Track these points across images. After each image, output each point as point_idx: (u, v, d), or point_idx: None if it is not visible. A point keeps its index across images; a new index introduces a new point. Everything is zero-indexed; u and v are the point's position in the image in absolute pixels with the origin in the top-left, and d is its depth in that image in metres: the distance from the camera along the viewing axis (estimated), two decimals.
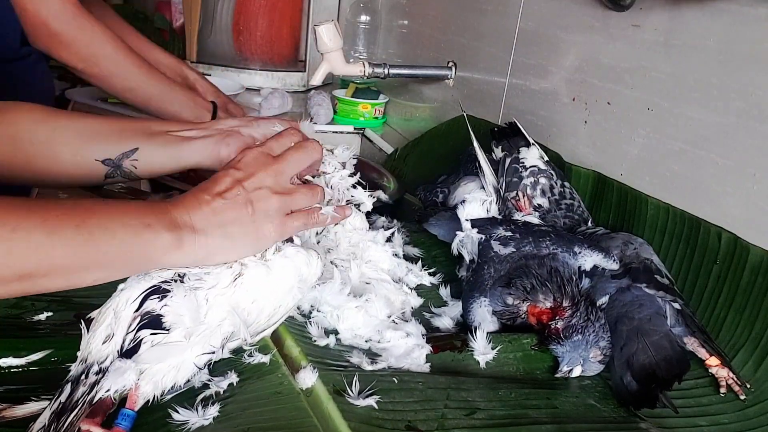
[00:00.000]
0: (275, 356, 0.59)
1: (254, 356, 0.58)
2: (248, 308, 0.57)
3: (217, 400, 0.53)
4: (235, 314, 0.55)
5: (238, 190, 0.57)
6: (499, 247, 0.73)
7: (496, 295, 0.69)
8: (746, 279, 0.70)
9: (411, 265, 0.79)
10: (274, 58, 1.83)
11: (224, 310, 0.55)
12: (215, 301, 0.54)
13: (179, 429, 0.50)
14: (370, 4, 1.75)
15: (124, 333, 0.51)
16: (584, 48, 0.96)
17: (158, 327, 0.51)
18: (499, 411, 0.56)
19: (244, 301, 0.56)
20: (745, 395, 0.64)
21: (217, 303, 0.55)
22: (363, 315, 0.64)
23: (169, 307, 0.52)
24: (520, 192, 0.85)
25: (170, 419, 0.50)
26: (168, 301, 0.52)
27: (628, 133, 0.88)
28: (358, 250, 0.74)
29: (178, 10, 1.96)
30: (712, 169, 0.76)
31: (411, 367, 0.60)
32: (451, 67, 1.35)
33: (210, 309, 0.54)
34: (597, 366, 0.64)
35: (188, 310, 0.52)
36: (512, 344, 0.66)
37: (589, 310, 0.64)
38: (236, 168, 0.59)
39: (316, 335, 0.63)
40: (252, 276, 0.57)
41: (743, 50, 0.72)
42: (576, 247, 0.72)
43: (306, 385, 0.55)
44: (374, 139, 1.55)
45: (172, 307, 0.52)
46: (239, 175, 0.58)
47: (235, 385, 0.55)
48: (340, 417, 0.52)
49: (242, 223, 0.56)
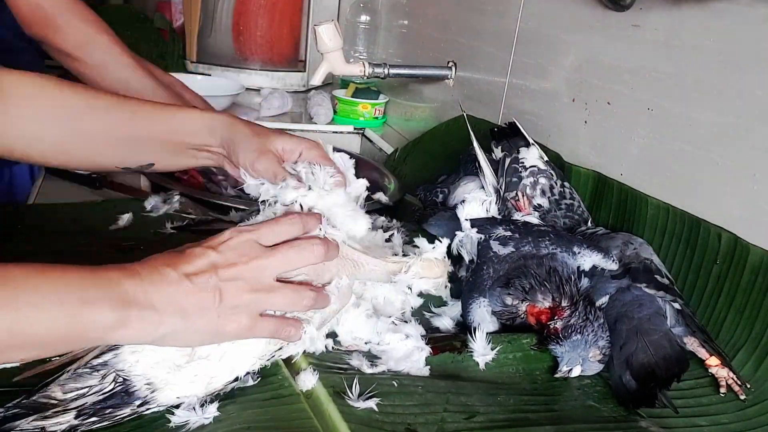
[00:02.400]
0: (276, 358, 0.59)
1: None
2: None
3: (216, 400, 0.53)
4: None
5: (210, 276, 0.49)
6: (499, 247, 0.73)
7: (495, 296, 0.69)
8: (746, 279, 0.70)
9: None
10: (274, 58, 1.83)
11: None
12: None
13: (179, 428, 0.50)
14: (370, 4, 1.75)
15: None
16: (584, 48, 0.96)
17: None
18: (498, 415, 0.56)
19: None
20: (745, 395, 0.64)
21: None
22: (362, 317, 0.64)
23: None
24: (520, 192, 0.85)
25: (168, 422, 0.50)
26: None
27: (628, 133, 0.88)
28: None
29: (178, 10, 1.96)
30: (712, 169, 0.76)
31: (411, 370, 0.60)
32: (451, 67, 1.35)
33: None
34: (596, 366, 0.64)
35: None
36: (512, 344, 0.66)
37: (588, 310, 0.64)
38: (216, 250, 0.51)
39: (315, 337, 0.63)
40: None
41: (743, 50, 0.72)
42: (575, 247, 0.72)
43: (306, 387, 0.55)
44: (374, 139, 1.55)
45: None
46: (217, 259, 0.50)
47: (235, 386, 0.55)
48: (341, 418, 0.52)
49: (205, 313, 0.49)
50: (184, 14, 1.86)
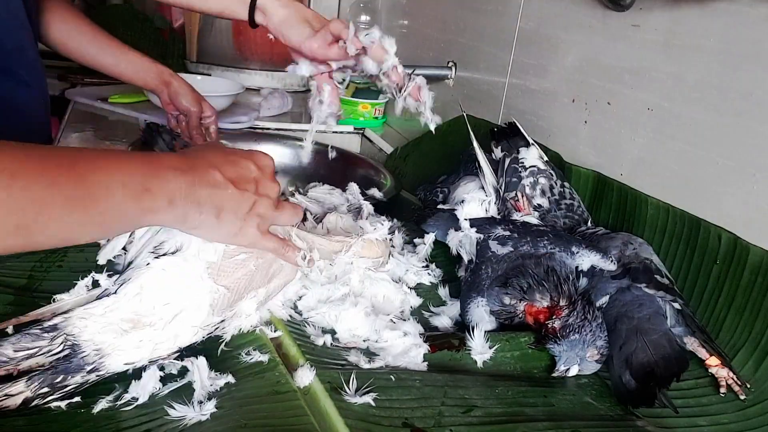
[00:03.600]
0: (273, 355, 0.59)
1: (252, 355, 0.58)
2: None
3: (214, 397, 0.53)
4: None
5: (250, 186, 0.57)
6: (497, 247, 0.73)
7: (493, 295, 0.69)
8: (746, 279, 0.69)
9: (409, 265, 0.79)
10: (274, 58, 1.83)
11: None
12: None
13: (176, 425, 0.50)
14: (370, 4, 1.75)
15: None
16: (584, 48, 0.96)
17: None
18: (495, 408, 0.56)
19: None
20: (744, 395, 0.64)
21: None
22: (361, 315, 0.64)
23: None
24: (519, 192, 0.85)
25: (167, 415, 0.50)
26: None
27: (628, 133, 0.88)
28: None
29: (178, 10, 1.96)
30: (712, 169, 0.76)
31: (408, 365, 0.60)
32: (451, 67, 1.35)
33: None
34: (594, 365, 0.64)
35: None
36: (509, 343, 0.66)
37: (586, 310, 0.64)
38: (259, 166, 0.59)
39: (313, 334, 0.63)
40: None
41: (743, 50, 0.72)
42: (573, 247, 0.72)
43: (303, 383, 0.55)
44: (374, 139, 1.55)
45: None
46: (257, 174, 0.58)
47: (233, 383, 0.55)
48: (337, 414, 0.52)
49: (235, 217, 0.57)
50: (184, 14, 1.86)
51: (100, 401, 0.51)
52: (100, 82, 1.64)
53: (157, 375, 0.54)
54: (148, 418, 0.50)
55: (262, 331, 0.62)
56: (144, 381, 0.53)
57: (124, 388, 0.53)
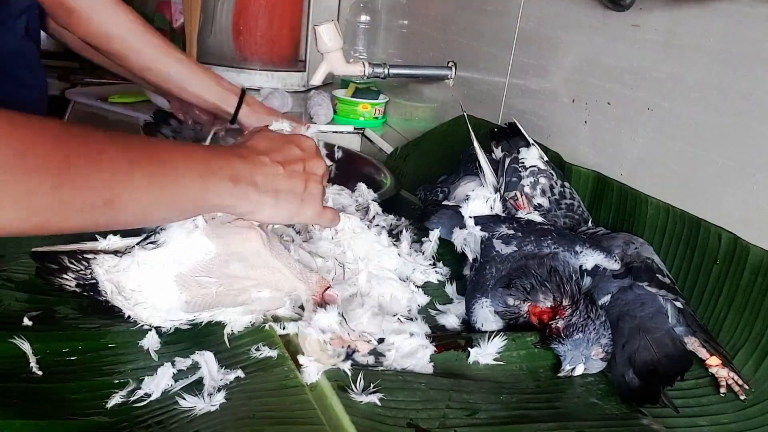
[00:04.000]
0: (282, 351, 0.60)
1: (261, 350, 0.59)
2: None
3: (223, 389, 0.54)
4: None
5: (298, 166, 0.61)
6: (501, 246, 0.73)
7: (497, 296, 0.69)
8: (746, 279, 0.70)
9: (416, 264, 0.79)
10: (274, 58, 1.83)
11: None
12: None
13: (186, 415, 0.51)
14: (370, 4, 1.75)
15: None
16: (584, 48, 0.97)
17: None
18: (500, 412, 0.57)
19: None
20: (745, 395, 0.64)
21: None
22: (368, 314, 0.64)
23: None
24: (518, 192, 0.86)
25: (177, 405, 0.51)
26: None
27: (628, 133, 0.88)
28: (364, 251, 0.75)
29: (178, 10, 1.96)
30: (712, 169, 0.76)
31: (415, 367, 0.61)
32: (451, 67, 1.36)
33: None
34: (599, 363, 0.64)
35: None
36: (515, 342, 0.66)
37: (590, 309, 0.64)
38: (302, 148, 0.62)
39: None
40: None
41: (743, 50, 0.72)
42: (577, 247, 0.72)
43: (311, 380, 0.56)
44: (374, 139, 1.55)
45: None
46: (302, 155, 0.62)
47: (242, 377, 0.56)
48: (343, 411, 0.52)
49: (293, 196, 0.61)
50: (184, 14, 1.85)
51: (114, 396, 0.52)
52: (100, 82, 1.64)
53: (170, 372, 0.55)
54: (160, 412, 0.51)
55: (272, 328, 0.63)
56: (158, 378, 0.54)
57: (137, 384, 0.54)
